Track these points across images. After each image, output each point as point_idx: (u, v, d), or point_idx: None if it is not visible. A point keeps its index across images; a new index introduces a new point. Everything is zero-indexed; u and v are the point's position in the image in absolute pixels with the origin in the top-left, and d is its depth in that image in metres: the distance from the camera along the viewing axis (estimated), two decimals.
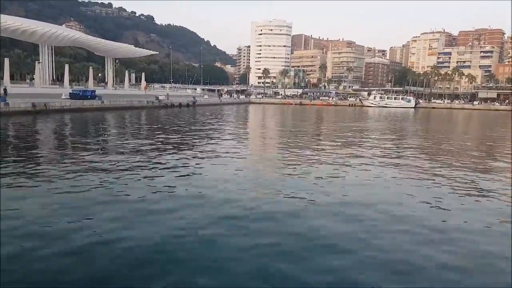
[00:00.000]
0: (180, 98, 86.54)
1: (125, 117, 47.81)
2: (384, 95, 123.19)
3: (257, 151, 24.71)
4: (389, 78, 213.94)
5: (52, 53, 68.98)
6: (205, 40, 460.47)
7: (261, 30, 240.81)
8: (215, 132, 32.17)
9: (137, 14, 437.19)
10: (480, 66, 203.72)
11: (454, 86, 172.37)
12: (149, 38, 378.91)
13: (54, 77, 70.57)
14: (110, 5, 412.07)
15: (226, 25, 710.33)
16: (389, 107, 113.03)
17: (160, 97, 71.52)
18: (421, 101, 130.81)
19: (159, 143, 24.64)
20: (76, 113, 47.92)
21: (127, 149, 21.15)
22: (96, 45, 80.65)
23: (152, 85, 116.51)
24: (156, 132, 31.76)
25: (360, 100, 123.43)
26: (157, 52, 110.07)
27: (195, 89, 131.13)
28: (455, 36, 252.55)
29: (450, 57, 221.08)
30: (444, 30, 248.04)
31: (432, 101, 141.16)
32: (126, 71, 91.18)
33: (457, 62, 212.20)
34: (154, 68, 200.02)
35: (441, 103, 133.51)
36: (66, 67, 71.16)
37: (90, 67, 76.41)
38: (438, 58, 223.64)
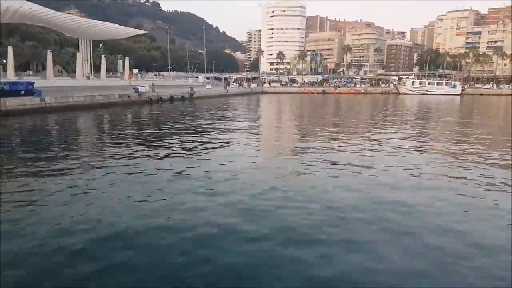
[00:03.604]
0: (173, 89, 67.74)
1: (47, 129, 29.32)
2: (425, 80, 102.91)
3: None
4: (415, 61, 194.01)
5: None
6: (214, 26, 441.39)
7: (273, 12, 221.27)
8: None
9: (142, 1, 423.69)
10: None
11: (488, 68, 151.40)
12: (155, 25, 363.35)
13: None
14: None
15: (236, 10, 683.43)
16: (431, 94, 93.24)
17: (141, 89, 52.77)
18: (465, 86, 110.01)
19: None
20: None
21: None
22: (61, 22, 61.97)
23: (141, 73, 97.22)
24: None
25: (395, 86, 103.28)
26: (146, 31, 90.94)
27: (197, 77, 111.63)
28: (484, 14, 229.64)
29: (480, 37, 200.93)
30: (471, 8, 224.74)
31: (476, 86, 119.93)
32: (103, 56, 72.35)
33: (487, 42, 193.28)
34: (155, 55, 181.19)
35: (489, 88, 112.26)
36: (9, 50, 52.45)
37: (49, 51, 57.52)
38: (467, 38, 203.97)
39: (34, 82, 39.92)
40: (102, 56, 71.95)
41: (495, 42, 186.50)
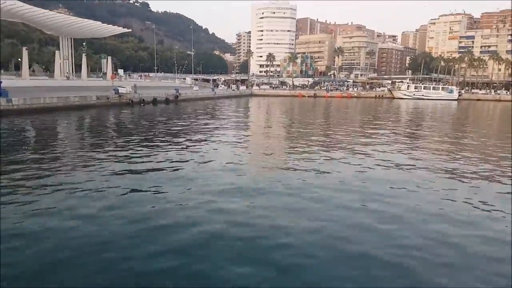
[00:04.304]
0: (157, 91, 64.05)
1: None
2: (421, 85, 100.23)
3: None
4: (407, 64, 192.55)
5: None
6: (203, 28, 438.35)
7: (263, 13, 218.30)
8: None
9: (131, 1, 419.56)
10: (507, 51, 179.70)
11: (482, 73, 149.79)
12: (144, 26, 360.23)
13: None
14: None
15: (225, 11, 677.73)
16: (427, 99, 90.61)
17: (122, 90, 48.97)
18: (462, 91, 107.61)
19: None
20: None
21: None
22: (40, 19, 58.03)
23: (125, 74, 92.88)
24: None
25: (389, 90, 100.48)
26: (130, 30, 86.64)
27: (184, 79, 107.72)
28: (477, 18, 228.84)
29: (473, 41, 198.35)
30: (464, 11, 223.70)
31: (473, 91, 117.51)
32: (84, 54, 68.31)
33: (481, 46, 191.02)
34: (142, 56, 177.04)
35: (486, 93, 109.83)
36: None
37: (24, 49, 53.23)
38: (460, 42, 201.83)
39: (1, 81, 35.89)
40: (83, 55, 67.96)
41: (489, 46, 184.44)
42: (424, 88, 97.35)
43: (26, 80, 51.43)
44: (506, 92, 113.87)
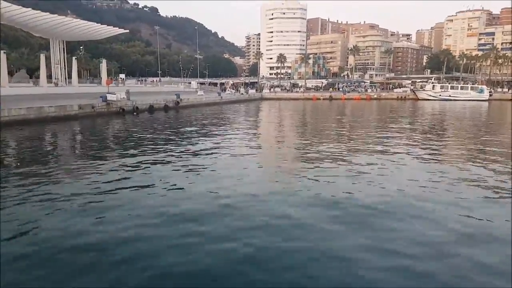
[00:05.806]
0: (156, 97, 57.30)
1: None
2: (447, 84, 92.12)
3: None
4: (425, 63, 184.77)
5: None
6: (213, 31, 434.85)
7: (272, 14, 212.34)
8: None
9: (140, 6, 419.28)
10: None
11: (504, 71, 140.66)
12: (153, 31, 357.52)
13: None
14: None
15: (235, 14, 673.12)
16: (455, 99, 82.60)
17: (111, 97, 42.09)
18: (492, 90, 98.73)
19: None
20: None
21: None
22: (26, 19, 51.69)
23: (123, 79, 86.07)
24: None
25: (412, 91, 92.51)
26: (127, 31, 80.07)
27: (190, 83, 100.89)
28: (496, 14, 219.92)
29: (493, 38, 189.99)
30: (483, 8, 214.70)
31: (504, 91, 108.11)
32: (75, 58, 61.69)
33: (502, 43, 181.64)
34: (149, 60, 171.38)
35: None
36: None
37: (2, 52, 46.61)
38: (480, 39, 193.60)
39: None
40: (73, 58, 61.45)
41: (511, 43, 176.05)
42: (451, 88, 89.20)
43: (5, 88, 45.01)
44: None
